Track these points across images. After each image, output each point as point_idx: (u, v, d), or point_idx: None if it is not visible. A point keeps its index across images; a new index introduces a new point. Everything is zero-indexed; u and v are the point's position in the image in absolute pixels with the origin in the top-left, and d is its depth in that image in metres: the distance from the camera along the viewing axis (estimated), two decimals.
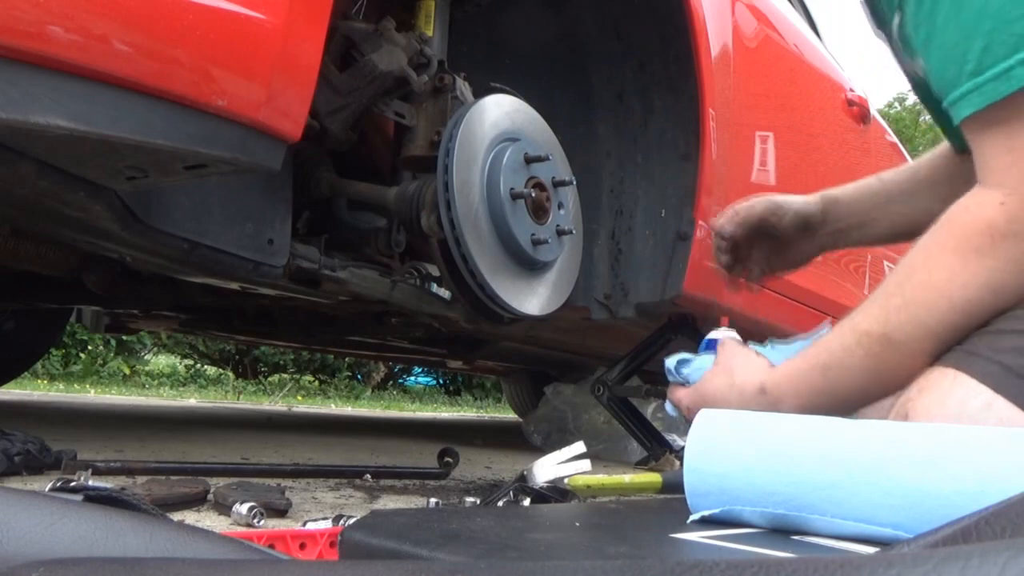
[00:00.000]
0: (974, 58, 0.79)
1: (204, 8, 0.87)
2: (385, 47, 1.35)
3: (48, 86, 0.79)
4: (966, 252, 0.80)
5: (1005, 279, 0.80)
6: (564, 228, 1.48)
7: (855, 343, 0.86)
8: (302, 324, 2.26)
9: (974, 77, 0.80)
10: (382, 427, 3.56)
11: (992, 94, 0.79)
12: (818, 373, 0.88)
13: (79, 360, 6.77)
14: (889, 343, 0.83)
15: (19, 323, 2.55)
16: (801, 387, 0.90)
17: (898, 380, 0.84)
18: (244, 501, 0.99)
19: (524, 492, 1.02)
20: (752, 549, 0.54)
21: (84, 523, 0.44)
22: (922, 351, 0.82)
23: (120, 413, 3.12)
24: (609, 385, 2.16)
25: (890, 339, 0.83)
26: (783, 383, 0.92)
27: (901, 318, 0.83)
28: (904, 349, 0.83)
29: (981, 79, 0.79)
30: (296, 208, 1.31)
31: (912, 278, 0.83)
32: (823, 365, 0.88)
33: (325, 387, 7.84)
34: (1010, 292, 0.80)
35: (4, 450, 1.20)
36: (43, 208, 1.10)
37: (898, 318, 0.83)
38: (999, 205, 0.79)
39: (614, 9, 1.76)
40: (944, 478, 0.55)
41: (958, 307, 0.81)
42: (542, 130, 1.52)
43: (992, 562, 0.27)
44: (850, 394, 0.88)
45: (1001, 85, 0.78)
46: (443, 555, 0.47)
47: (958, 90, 0.81)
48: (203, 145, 0.90)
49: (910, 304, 0.82)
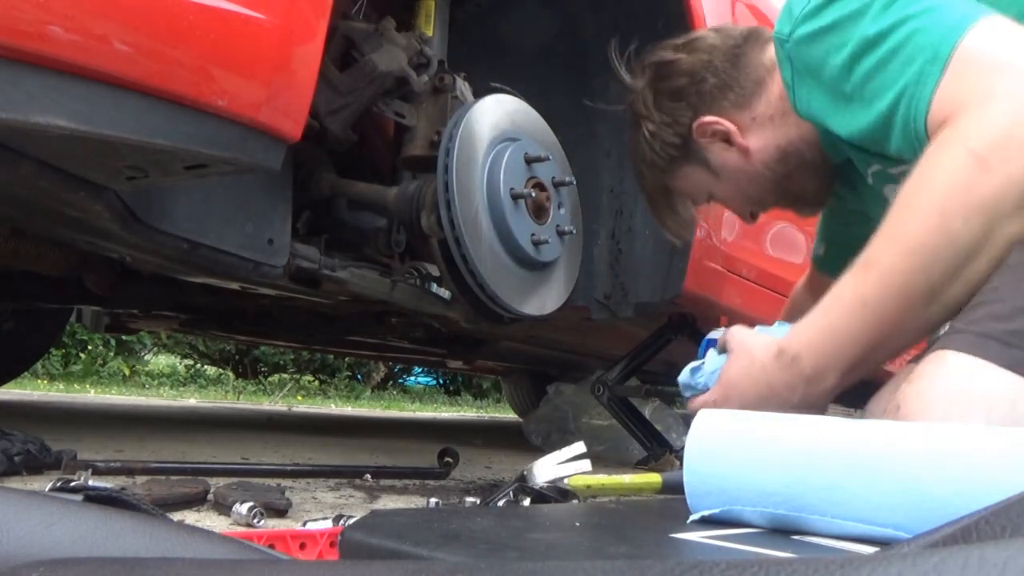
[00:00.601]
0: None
1: (204, 8, 0.87)
2: (385, 47, 1.35)
3: (48, 86, 0.79)
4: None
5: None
6: (564, 228, 1.48)
7: (851, 285, 0.89)
8: (302, 324, 2.26)
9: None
10: (382, 427, 3.56)
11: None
12: (820, 315, 0.91)
13: (79, 360, 6.77)
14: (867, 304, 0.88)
15: (19, 323, 2.55)
16: (813, 338, 0.92)
17: (899, 320, 0.86)
18: (244, 501, 0.99)
19: (524, 492, 1.02)
20: (752, 549, 0.54)
21: (84, 523, 0.44)
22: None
23: (120, 413, 3.12)
24: (609, 385, 2.16)
25: (865, 301, 0.87)
26: (794, 339, 0.94)
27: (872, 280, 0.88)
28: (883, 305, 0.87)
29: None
30: (296, 208, 1.31)
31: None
32: (824, 308, 0.91)
33: (325, 387, 7.84)
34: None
35: (4, 450, 1.20)
36: (43, 208, 1.10)
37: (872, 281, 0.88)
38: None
39: (614, 9, 1.76)
40: (944, 478, 0.55)
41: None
42: (542, 130, 1.52)
43: (992, 562, 0.27)
44: (854, 335, 0.89)
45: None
46: (443, 555, 0.47)
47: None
48: (203, 145, 0.90)
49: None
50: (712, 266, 1.85)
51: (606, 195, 1.86)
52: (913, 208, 0.85)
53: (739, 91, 1.18)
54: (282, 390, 6.63)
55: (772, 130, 1.17)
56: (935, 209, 0.83)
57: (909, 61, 0.88)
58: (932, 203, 0.83)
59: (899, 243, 0.85)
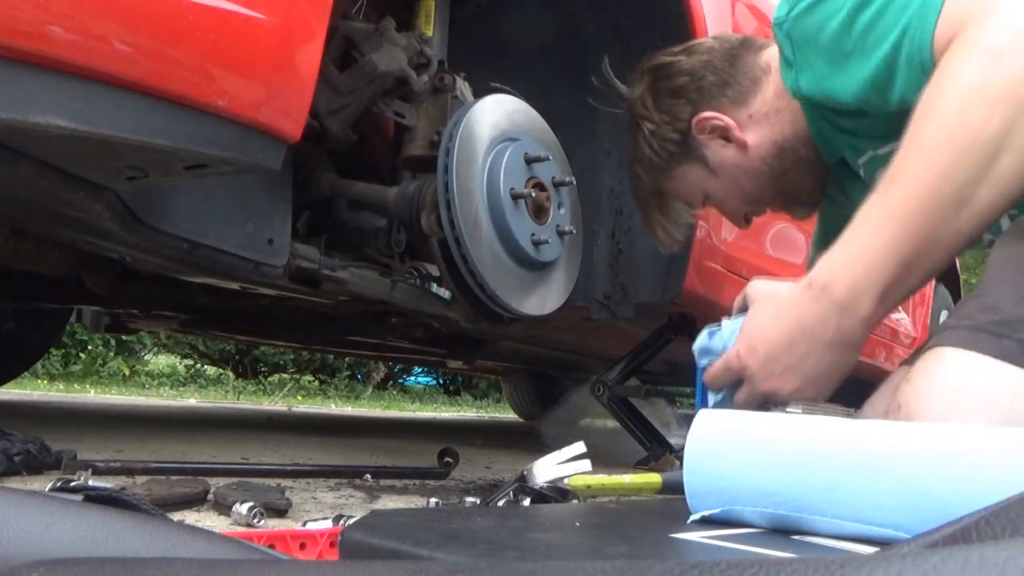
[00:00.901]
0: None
1: (204, 8, 0.87)
2: (385, 47, 1.35)
3: (48, 86, 0.79)
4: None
5: None
6: (564, 228, 1.48)
7: (876, 202, 0.86)
8: (302, 324, 2.26)
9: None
10: (382, 427, 3.56)
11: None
12: (848, 240, 0.88)
13: (79, 360, 6.77)
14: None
15: (19, 323, 2.55)
16: (843, 263, 0.87)
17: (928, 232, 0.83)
18: (244, 501, 0.99)
19: (524, 492, 1.02)
20: (752, 549, 0.54)
21: (84, 523, 0.44)
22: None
23: (120, 413, 3.12)
24: (609, 385, 2.16)
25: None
26: (823, 267, 0.89)
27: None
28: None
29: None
30: (296, 208, 1.31)
31: None
32: (851, 231, 0.88)
33: (325, 387, 7.85)
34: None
35: (4, 450, 1.20)
36: (43, 208, 1.10)
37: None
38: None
39: (614, 9, 1.76)
40: (944, 478, 0.55)
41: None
42: (542, 130, 1.52)
43: (992, 562, 0.27)
44: (885, 254, 0.85)
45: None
46: (443, 555, 0.47)
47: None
48: (203, 145, 0.90)
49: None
50: (712, 266, 1.85)
51: (606, 195, 1.86)
52: (930, 113, 0.83)
53: (737, 88, 1.20)
54: (282, 390, 6.63)
55: (768, 127, 1.19)
56: (953, 108, 0.81)
57: (906, 4, 0.89)
58: (949, 104, 0.81)
59: (920, 150, 0.83)
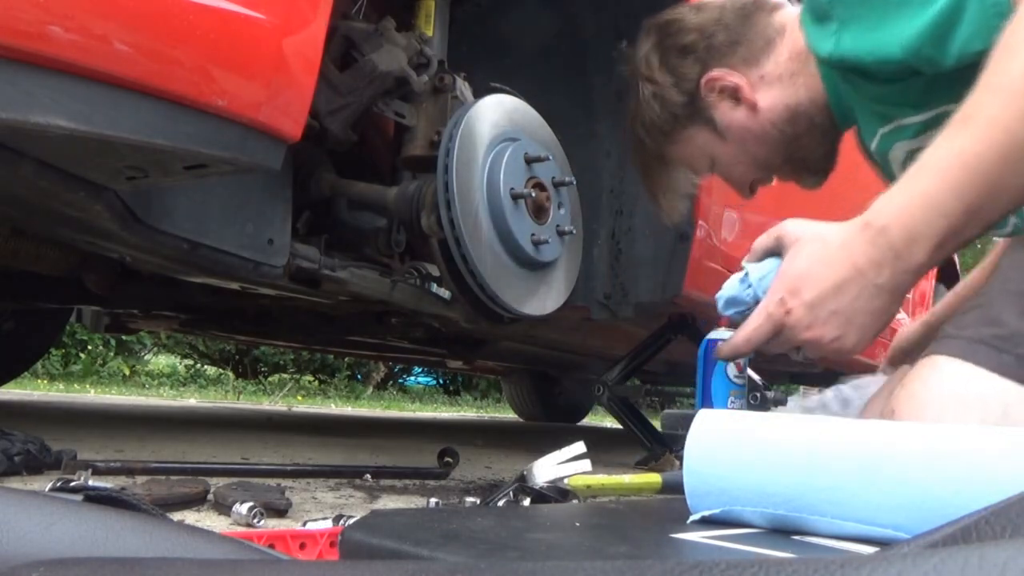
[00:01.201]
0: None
1: (204, 8, 0.87)
2: (385, 47, 1.35)
3: (48, 86, 0.79)
4: None
5: None
6: (564, 228, 1.48)
7: (946, 143, 0.80)
8: (302, 324, 2.26)
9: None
10: (382, 427, 3.56)
11: None
12: (911, 180, 0.81)
13: (79, 360, 6.77)
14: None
15: (19, 323, 2.55)
16: (904, 204, 0.81)
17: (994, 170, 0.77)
18: (244, 501, 0.99)
19: (524, 492, 1.02)
20: (752, 549, 0.54)
21: (84, 523, 0.44)
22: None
23: (120, 413, 3.12)
24: (609, 385, 2.16)
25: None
26: (881, 208, 0.82)
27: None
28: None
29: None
30: (296, 208, 1.31)
31: None
32: (916, 171, 0.81)
33: (325, 387, 7.84)
34: None
35: (4, 450, 1.20)
36: (43, 208, 1.10)
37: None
38: None
39: (614, 9, 1.76)
40: (944, 478, 0.55)
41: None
42: (542, 130, 1.52)
43: (992, 562, 0.27)
44: (951, 199, 0.79)
45: None
46: (443, 555, 0.47)
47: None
48: (203, 145, 0.90)
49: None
50: (712, 266, 1.85)
51: (606, 195, 1.86)
52: (1012, 52, 0.75)
53: (749, 48, 1.14)
54: (282, 390, 6.63)
55: (781, 89, 1.13)
56: None
57: None
58: None
59: (1000, 90, 0.76)
